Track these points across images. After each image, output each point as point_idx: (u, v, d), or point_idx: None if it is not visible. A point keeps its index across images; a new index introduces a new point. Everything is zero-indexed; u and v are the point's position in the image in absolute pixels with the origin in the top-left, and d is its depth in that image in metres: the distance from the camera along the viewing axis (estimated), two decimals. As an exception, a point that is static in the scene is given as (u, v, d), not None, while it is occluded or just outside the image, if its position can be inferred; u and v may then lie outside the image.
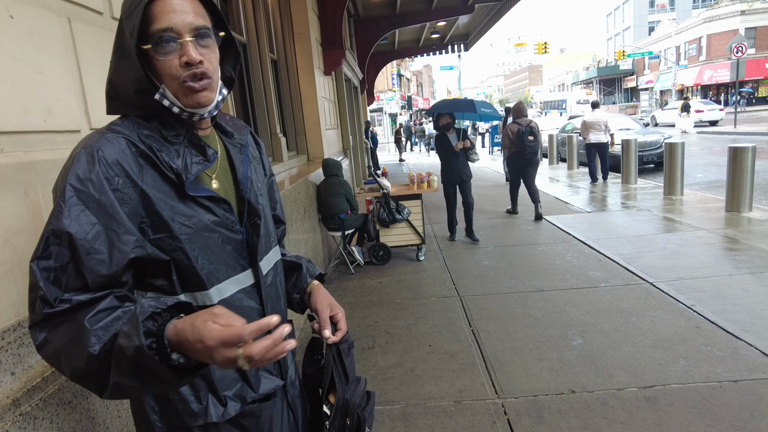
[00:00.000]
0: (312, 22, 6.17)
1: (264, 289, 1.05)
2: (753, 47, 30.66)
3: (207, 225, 0.94)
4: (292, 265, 1.24)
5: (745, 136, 16.72)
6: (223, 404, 0.97)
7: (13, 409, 1.11)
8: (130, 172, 0.87)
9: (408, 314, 3.95)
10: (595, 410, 2.49)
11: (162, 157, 0.90)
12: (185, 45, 0.88)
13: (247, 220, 1.03)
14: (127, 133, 0.90)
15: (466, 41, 15.74)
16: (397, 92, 37.13)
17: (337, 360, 1.12)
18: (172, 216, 0.90)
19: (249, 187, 1.05)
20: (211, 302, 0.95)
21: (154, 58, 0.89)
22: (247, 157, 1.08)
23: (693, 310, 3.56)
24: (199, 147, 0.97)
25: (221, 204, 0.97)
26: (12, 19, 1.32)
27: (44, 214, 1.35)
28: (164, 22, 0.87)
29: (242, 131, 1.12)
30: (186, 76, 0.89)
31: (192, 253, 0.92)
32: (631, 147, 9.17)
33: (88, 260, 0.80)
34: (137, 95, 0.90)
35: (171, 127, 0.94)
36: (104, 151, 0.85)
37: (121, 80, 0.92)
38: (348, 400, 1.11)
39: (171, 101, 0.91)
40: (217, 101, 0.96)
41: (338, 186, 5.06)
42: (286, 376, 1.13)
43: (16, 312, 1.22)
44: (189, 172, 0.92)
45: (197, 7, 0.91)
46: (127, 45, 0.87)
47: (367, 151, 13.22)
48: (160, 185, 0.90)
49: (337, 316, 1.14)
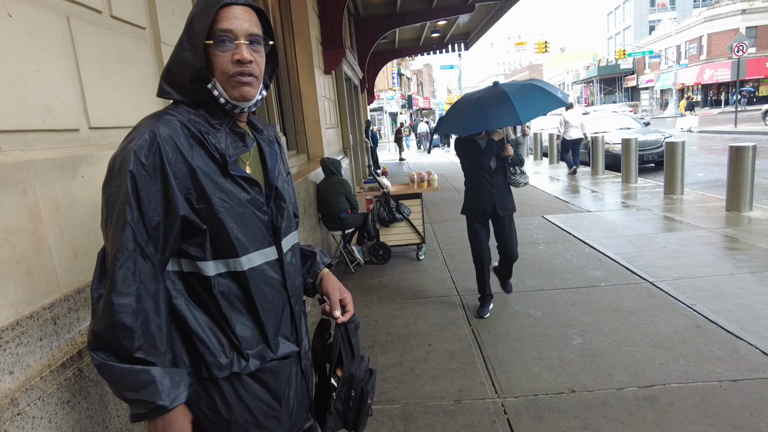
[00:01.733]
0: (312, 21, 6.16)
1: (285, 265, 1.19)
2: (754, 46, 30.66)
3: (242, 202, 1.09)
4: (307, 253, 1.37)
5: (745, 136, 16.71)
6: (246, 359, 1.11)
7: (11, 409, 1.11)
8: (182, 149, 1.02)
9: (408, 313, 3.94)
10: (595, 409, 2.49)
11: (209, 139, 1.06)
12: (240, 46, 1.05)
13: (273, 202, 1.18)
14: (180, 117, 1.06)
15: (467, 40, 15.73)
16: (398, 91, 37.13)
17: (345, 338, 1.26)
18: (214, 191, 1.04)
19: (276, 176, 1.19)
20: (242, 268, 1.09)
21: (213, 53, 1.05)
22: (274, 151, 1.24)
23: (693, 309, 3.55)
24: (239, 134, 1.12)
25: (254, 186, 1.12)
26: (10, 18, 1.32)
27: (43, 214, 1.35)
28: (226, 25, 1.03)
29: (269, 129, 1.27)
30: (235, 71, 1.05)
31: (228, 224, 1.06)
32: (632, 146, 9.15)
33: (151, 220, 0.99)
34: (192, 83, 1.06)
35: (216, 116, 1.10)
36: (162, 130, 1.01)
37: (180, 68, 1.07)
38: (353, 374, 1.26)
39: (219, 92, 1.06)
40: (257, 99, 1.12)
41: (338, 185, 5.05)
42: (301, 345, 1.25)
43: (15, 311, 1.22)
44: (231, 153, 1.07)
45: (254, 18, 1.08)
46: (196, 39, 1.04)
47: (368, 150, 13.22)
48: (207, 163, 1.05)
49: (345, 299, 1.28)
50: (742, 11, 32.34)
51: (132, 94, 1.90)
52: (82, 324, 1.46)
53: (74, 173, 1.49)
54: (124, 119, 1.83)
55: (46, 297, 1.34)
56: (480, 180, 3.67)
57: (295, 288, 1.24)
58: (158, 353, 1.00)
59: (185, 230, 1.04)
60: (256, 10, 1.09)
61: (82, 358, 1.37)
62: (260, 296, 1.12)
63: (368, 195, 5.66)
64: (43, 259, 1.33)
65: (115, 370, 0.97)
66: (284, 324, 1.20)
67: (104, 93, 1.72)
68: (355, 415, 1.27)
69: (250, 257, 1.10)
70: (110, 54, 1.78)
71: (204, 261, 1.07)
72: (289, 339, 1.21)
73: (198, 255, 1.06)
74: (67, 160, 1.47)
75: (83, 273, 1.48)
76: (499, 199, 3.66)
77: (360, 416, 1.27)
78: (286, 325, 1.21)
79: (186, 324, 1.07)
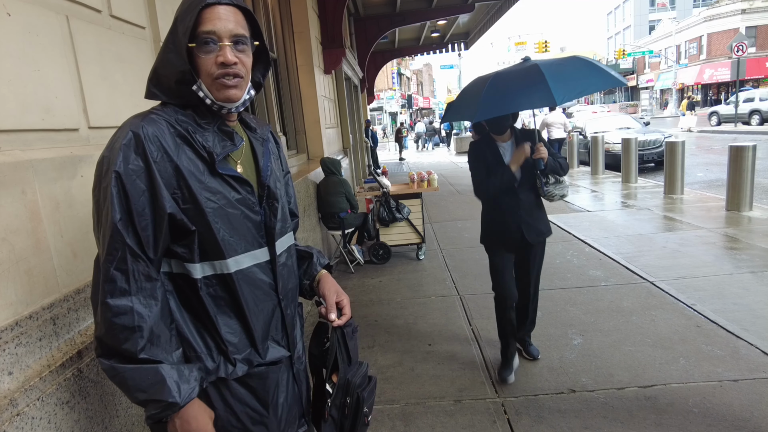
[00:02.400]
0: (312, 21, 6.16)
1: (278, 267, 1.17)
2: (753, 46, 30.62)
3: (230, 201, 1.07)
4: (304, 254, 1.35)
5: (745, 135, 16.71)
6: (233, 364, 1.09)
7: (10, 409, 1.11)
8: (168, 148, 1.01)
9: (408, 313, 3.94)
10: (596, 410, 2.49)
11: (196, 138, 1.05)
12: (223, 48, 1.03)
13: (266, 202, 1.15)
14: (166, 116, 1.05)
15: (467, 40, 15.73)
16: (398, 91, 37.12)
17: (341, 342, 1.22)
18: (200, 191, 1.03)
19: (269, 175, 1.17)
20: (228, 271, 1.07)
21: (196, 55, 1.04)
22: (267, 150, 1.22)
23: (693, 309, 3.55)
24: (227, 133, 1.11)
25: (244, 185, 1.10)
26: (9, 17, 1.31)
27: (42, 213, 1.34)
28: (209, 26, 1.02)
29: (264, 128, 1.26)
30: (220, 73, 1.03)
31: (215, 225, 1.05)
32: (632, 146, 9.14)
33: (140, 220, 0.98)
34: (177, 85, 1.05)
35: (204, 116, 1.09)
36: (146, 129, 1.00)
37: (166, 70, 1.06)
38: (349, 380, 1.21)
39: (205, 93, 1.05)
40: (244, 99, 1.10)
41: (338, 185, 5.05)
42: (294, 349, 1.23)
43: (14, 311, 1.22)
44: (219, 151, 1.06)
45: (239, 18, 1.06)
46: (179, 42, 1.02)
47: (367, 150, 13.21)
48: (193, 162, 1.04)
49: (342, 302, 1.26)
50: (742, 11, 32.32)
51: (131, 93, 1.90)
52: (82, 324, 1.46)
53: (74, 173, 1.49)
54: (124, 119, 1.80)
55: (46, 297, 1.34)
56: (501, 198, 2.73)
57: (287, 290, 1.21)
58: (164, 351, 0.99)
59: (175, 230, 1.03)
60: (242, 9, 1.07)
61: (81, 358, 1.37)
62: (247, 299, 1.10)
63: (368, 195, 5.66)
64: (42, 259, 1.33)
65: (122, 372, 0.96)
66: (274, 328, 1.17)
67: (104, 92, 1.72)
68: (351, 424, 1.22)
69: (237, 259, 1.08)
70: (110, 53, 1.77)
71: (191, 263, 1.05)
72: (280, 343, 1.18)
73: (186, 256, 1.05)
74: (66, 159, 1.47)
75: (82, 273, 1.48)
76: (528, 217, 2.75)
77: (356, 425, 1.22)
78: (277, 329, 1.17)
79: (176, 326, 1.06)
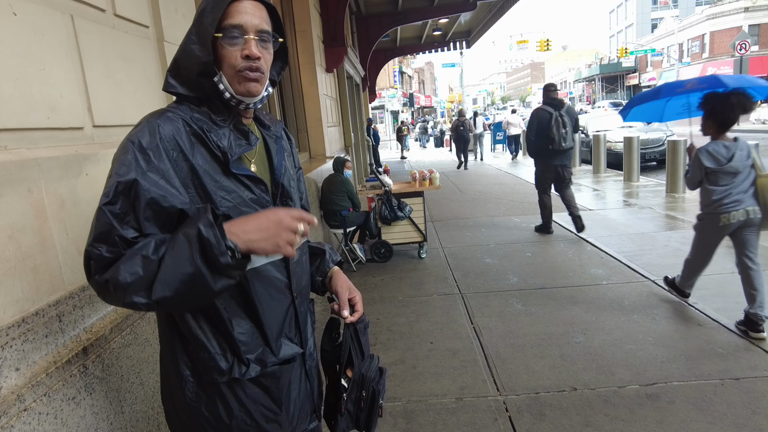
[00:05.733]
0: (314, 19, 6.16)
1: (291, 265, 1.16)
2: (756, 44, 30.48)
3: (245, 201, 1.06)
4: (316, 251, 1.35)
5: (747, 134, 16.66)
6: (246, 365, 1.09)
7: (18, 404, 1.12)
8: (183, 147, 1.00)
9: (410, 311, 3.95)
10: (597, 407, 2.50)
11: (211, 137, 1.04)
12: (249, 41, 1.03)
13: (280, 201, 1.16)
14: (182, 114, 1.04)
15: (468, 38, 15.73)
16: (399, 89, 37.09)
17: (354, 338, 1.24)
18: (215, 190, 1.02)
19: (283, 173, 1.17)
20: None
21: (221, 46, 1.03)
22: (281, 148, 1.21)
23: (695, 307, 3.55)
24: (243, 132, 1.09)
25: (259, 184, 1.09)
26: (15, 17, 1.32)
27: (48, 211, 1.35)
28: (237, 19, 1.02)
29: (277, 125, 1.25)
30: (243, 66, 1.03)
31: None
32: (634, 144, 9.13)
33: (145, 211, 0.94)
34: (198, 77, 1.04)
35: (219, 113, 1.08)
36: (163, 127, 0.99)
37: (187, 62, 1.05)
38: (364, 374, 1.24)
39: (225, 86, 1.05)
40: (263, 96, 1.10)
41: (340, 184, 5.07)
42: (306, 346, 1.23)
43: (21, 308, 1.23)
44: (233, 151, 1.05)
45: (264, 15, 1.07)
46: (205, 32, 1.02)
47: (369, 148, 13.22)
48: (208, 161, 1.03)
49: (354, 298, 1.26)
50: (744, 9, 32.18)
51: (136, 92, 1.91)
52: (87, 321, 1.47)
53: (79, 171, 1.50)
54: (128, 117, 1.83)
55: (51, 294, 1.35)
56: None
57: (301, 288, 1.21)
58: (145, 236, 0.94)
59: None
60: (267, 6, 1.09)
61: (87, 354, 1.38)
62: (261, 298, 1.09)
63: (370, 193, 5.66)
64: (48, 256, 1.34)
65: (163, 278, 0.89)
66: (288, 325, 1.17)
67: (108, 91, 1.73)
68: (366, 416, 1.25)
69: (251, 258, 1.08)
70: (114, 52, 1.78)
71: None
72: (293, 340, 1.19)
73: None
74: (71, 158, 1.48)
75: (88, 270, 1.49)
76: None
77: (372, 417, 1.25)
78: (290, 326, 1.18)
79: (187, 327, 1.05)
